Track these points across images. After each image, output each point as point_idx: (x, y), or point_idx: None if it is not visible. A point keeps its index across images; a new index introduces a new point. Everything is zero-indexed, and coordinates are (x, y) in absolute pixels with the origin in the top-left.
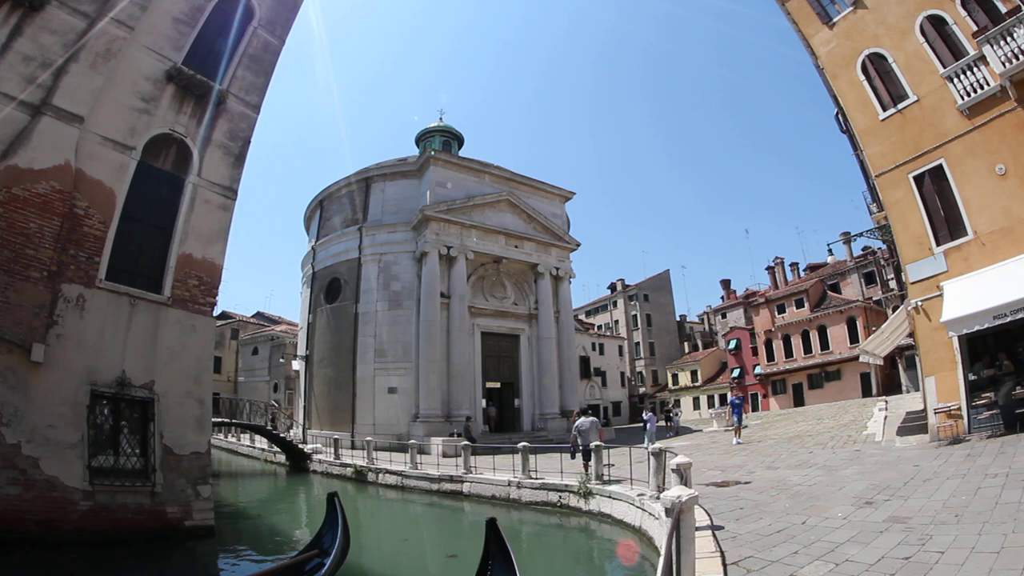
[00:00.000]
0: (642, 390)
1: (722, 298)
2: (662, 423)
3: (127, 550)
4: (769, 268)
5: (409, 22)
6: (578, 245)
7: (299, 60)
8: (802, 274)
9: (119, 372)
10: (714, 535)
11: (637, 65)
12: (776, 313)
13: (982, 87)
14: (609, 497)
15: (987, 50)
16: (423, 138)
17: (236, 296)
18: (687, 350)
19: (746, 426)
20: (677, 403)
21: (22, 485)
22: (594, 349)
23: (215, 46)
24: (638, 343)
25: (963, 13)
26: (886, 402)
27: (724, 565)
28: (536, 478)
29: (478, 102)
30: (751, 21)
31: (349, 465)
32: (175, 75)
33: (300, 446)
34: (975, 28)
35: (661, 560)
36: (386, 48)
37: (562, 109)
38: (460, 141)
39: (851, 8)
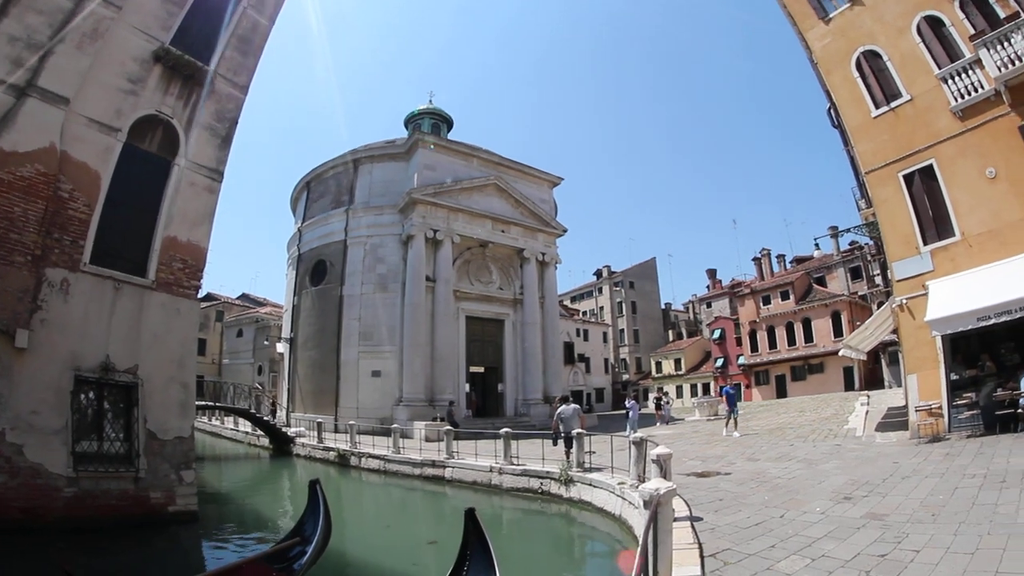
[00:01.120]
0: (626, 377)
1: (708, 287)
2: (646, 410)
3: (111, 536)
4: (756, 259)
5: (402, 4)
6: (565, 231)
7: (287, 40)
8: (788, 266)
9: (103, 357)
10: (692, 526)
11: (633, 51)
12: (761, 304)
13: (976, 90)
14: (590, 485)
15: (983, 54)
16: (412, 120)
17: (221, 277)
18: (671, 338)
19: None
20: (662, 391)
21: (6, 472)
22: (578, 335)
23: (204, 26)
24: (623, 330)
25: (961, 15)
26: (868, 397)
27: (701, 557)
28: (518, 464)
29: (470, 84)
30: (750, 9)
31: (332, 449)
32: (163, 56)
33: (284, 429)
34: (972, 31)
35: (638, 551)
36: (378, 29)
37: (554, 93)
38: (449, 124)
39: (848, 4)
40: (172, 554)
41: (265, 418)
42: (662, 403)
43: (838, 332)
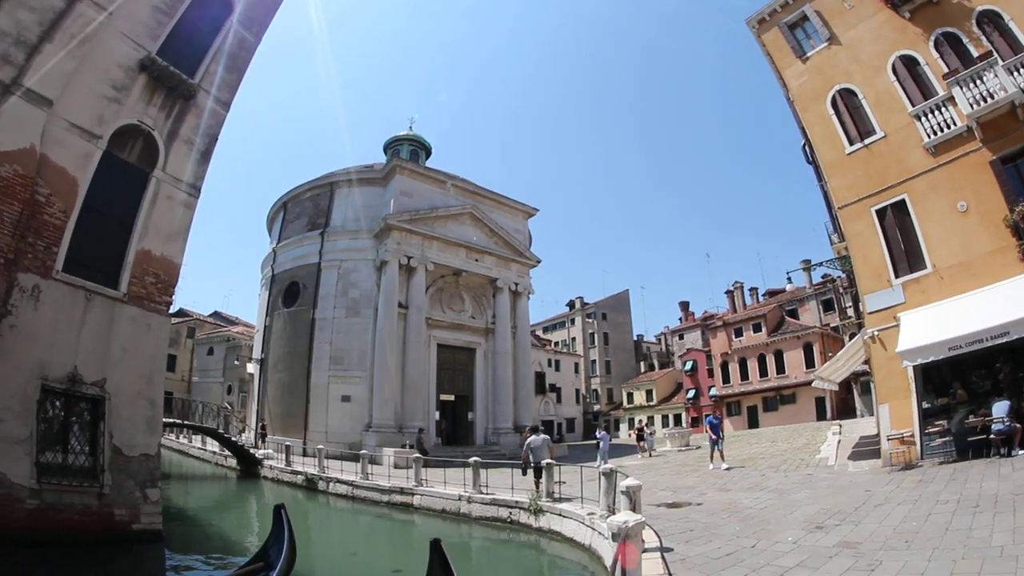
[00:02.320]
0: (597, 408)
1: (680, 320)
2: (617, 440)
3: (72, 553)
4: (728, 292)
5: (385, 32)
6: (539, 261)
7: (266, 58)
8: (761, 299)
9: (71, 368)
10: (663, 557)
11: (611, 84)
12: (733, 336)
13: (949, 127)
14: (559, 515)
15: (956, 92)
16: (391, 145)
17: (194, 294)
18: (643, 369)
19: (697, 447)
20: (644, 421)
21: None
22: (550, 365)
23: (191, 39)
24: (594, 361)
25: (935, 55)
26: (840, 426)
27: None
28: (487, 493)
29: (450, 112)
30: (726, 46)
31: (300, 473)
32: (148, 65)
33: (252, 451)
34: (946, 70)
35: None
36: (362, 52)
37: (531, 124)
38: (428, 151)
39: (825, 44)
40: (134, 574)
41: (233, 439)
42: (644, 434)
43: (810, 363)
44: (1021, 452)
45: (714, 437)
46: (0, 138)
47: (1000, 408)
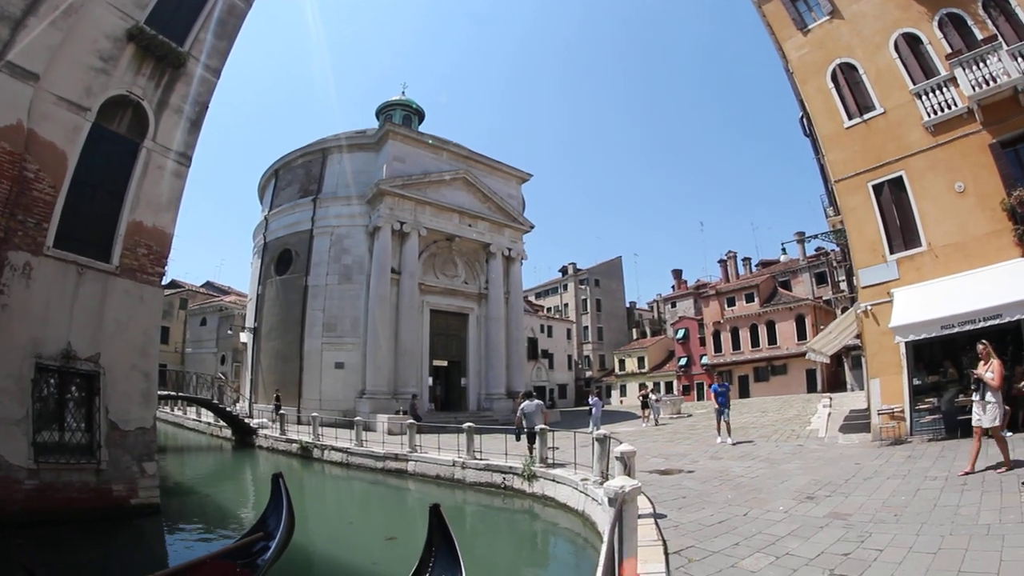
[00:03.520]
0: (589, 374)
1: (673, 287)
2: (609, 407)
3: (72, 530)
4: (721, 261)
5: None
6: (532, 227)
7: (255, 23)
8: (754, 269)
9: (65, 344)
10: (656, 523)
11: (604, 53)
12: (726, 306)
13: (950, 107)
14: (553, 481)
15: (959, 72)
16: (384, 111)
17: (186, 264)
18: (635, 336)
19: (688, 415)
20: (647, 387)
21: None
22: (542, 331)
23: (180, 7)
24: (587, 327)
25: (939, 34)
26: (830, 399)
27: (666, 554)
28: (481, 459)
29: (443, 77)
30: (722, 16)
31: (295, 441)
32: (136, 35)
33: (246, 420)
34: (949, 50)
35: (604, 548)
36: (353, 18)
37: (527, 88)
38: (421, 116)
39: (827, 17)
40: (135, 548)
41: (227, 408)
42: (650, 401)
43: (802, 335)
44: (1009, 434)
45: (719, 408)
46: None
47: None
